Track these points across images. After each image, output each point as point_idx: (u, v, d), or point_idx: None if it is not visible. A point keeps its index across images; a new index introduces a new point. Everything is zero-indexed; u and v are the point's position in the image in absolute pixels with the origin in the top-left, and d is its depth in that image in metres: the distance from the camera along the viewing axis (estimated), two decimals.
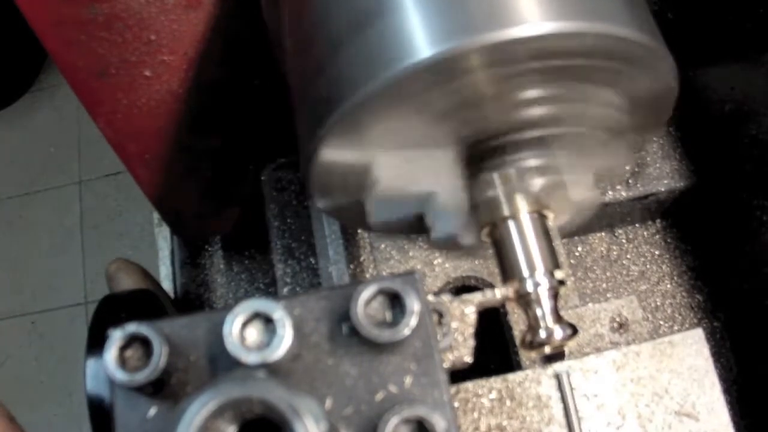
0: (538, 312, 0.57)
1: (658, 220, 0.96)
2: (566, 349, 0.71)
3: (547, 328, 0.56)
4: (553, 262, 0.58)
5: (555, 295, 0.58)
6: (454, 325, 0.54)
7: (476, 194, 0.60)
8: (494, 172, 0.59)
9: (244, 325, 0.41)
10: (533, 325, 0.57)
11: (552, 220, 0.61)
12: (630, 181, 0.88)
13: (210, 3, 0.73)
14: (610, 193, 0.87)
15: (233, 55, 0.81)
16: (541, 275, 0.57)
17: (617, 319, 0.73)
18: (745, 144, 0.82)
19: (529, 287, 0.57)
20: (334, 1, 0.55)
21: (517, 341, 0.74)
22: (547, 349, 0.58)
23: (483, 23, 0.48)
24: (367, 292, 0.43)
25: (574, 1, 0.50)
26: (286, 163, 0.95)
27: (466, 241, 0.62)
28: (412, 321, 0.42)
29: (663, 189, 0.88)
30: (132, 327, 0.42)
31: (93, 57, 0.73)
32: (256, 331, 0.41)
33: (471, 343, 0.54)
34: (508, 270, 0.59)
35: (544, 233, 0.59)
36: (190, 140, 0.89)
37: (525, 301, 0.58)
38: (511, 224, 0.59)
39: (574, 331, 0.57)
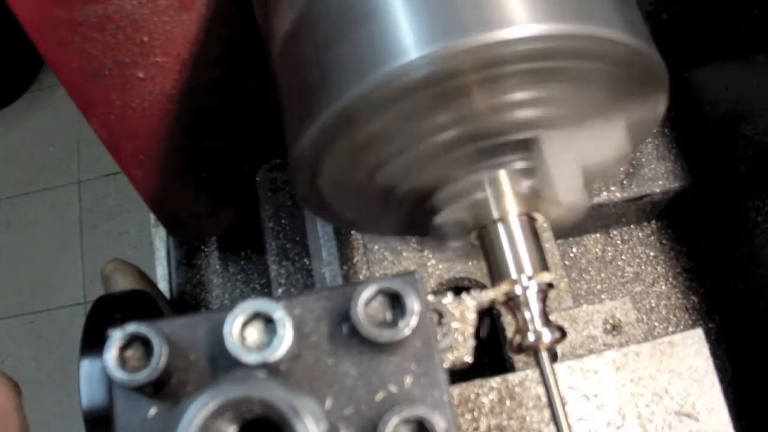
0: (527, 315, 0.57)
1: (653, 221, 0.96)
2: (559, 352, 0.72)
3: (535, 331, 0.56)
4: (542, 265, 0.58)
5: (544, 298, 0.57)
6: (454, 325, 0.54)
7: (465, 196, 0.60)
8: (483, 174, 0.59)
9: (244, 325, 0.41)
10: (522, 328, 0.57)
11: (541, 223, 0.61)
12: (625, 182, 0.87)
13: (203, 4, 0.73)
14: (604, 194, 0.87)
15: (227, 56, 0.81)
16: (529, 278, 0.57)
17: (610, 321, 0.73)
18: (740, 145, 0.82)
19: (518, 290, 0.57)
20: (323, 2, 0.55)
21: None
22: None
23: (472, 25, 0.48)
24: (367, 292, 0.43)
25: (563, 3, 0.50)
26: (281, 164, 0.95)
27: (455, 243, 0.62)
28: (412, 321, 0.42)
29: (658, 190, 0.88)
30: (132, 327, 0.42)
31: (86, 58, 0.73)
32: (256, 331, 0.41)
33: (471, 343, 0.54)
34: (496, 273, 0.59)
35: (534, 236, 0.59)
36: (184, 141, 0.89)
37: (514, 303, 0.57)
38: (500, 227, 0.59)
39: (563, 333, 0.57)
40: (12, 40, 2.27)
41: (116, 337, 0.41)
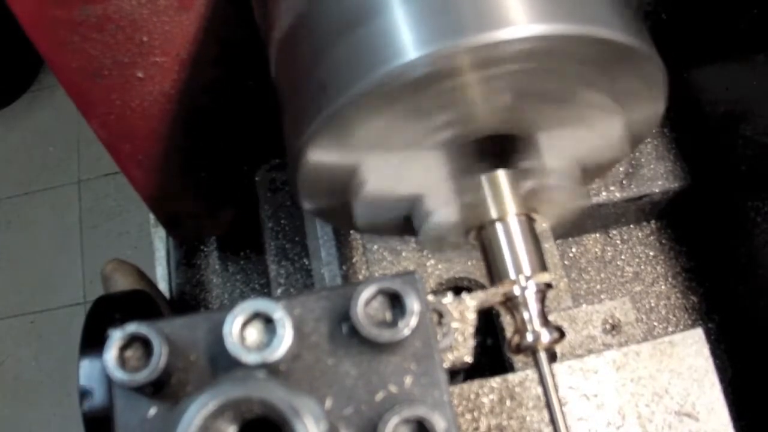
0: (525, 315, 0.57)
1: (652, 221, 0.96)
2: (558, 352, 0.71)
3: (534, 332, 0.56)
4: (541, 265, 0.58)
5: (542, 299, 0.57)
6: (454, 325, 0.54)
7: (464, 196, 0.60)
8: (482, 174, 0.59)
9: (244, 325, 0.41)
10: (520, 329, 0.57)
11: (540, 223, 0.61)
12: (624, 182, 0.87)
13: (202, 4, 0.73)
14: (604, 194, 0.87)
15: (226, 56, 0.81)
16: (528, 278, 0.57)
17: (610, 321, 0.73)
18: (740, 145, 0.82)
19: (516, 290, 0.57)
20: (322, 2, 0.55)
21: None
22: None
23: (470, 25, 0.48)
24: (367, 292, 0.43)
25: (562, 4, 0.50)
26: (280, 164, 0.95)
27: (453, 244, 0.62)
28: (412, 321, 0.43)
29: (657, 190, 0.88)
30: (132, 327, 0.42)
31: (86, 58, 0.74)
32: (256, 331, 0.42)
33: (471, 343, 0.54)
34: (495, 273, 0.59)
35: (532, 236, 0.59)
36: (183, 141, 0.89)
37: (512, 304, 0.57)
38: (498, 227, 0.59)
39: (562, 334, 0.57)
40: (12, 40, 2.27)
41: (116, 337, 0.42)
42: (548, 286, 0.58)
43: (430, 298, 0.53)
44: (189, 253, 1.11)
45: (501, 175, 0.59)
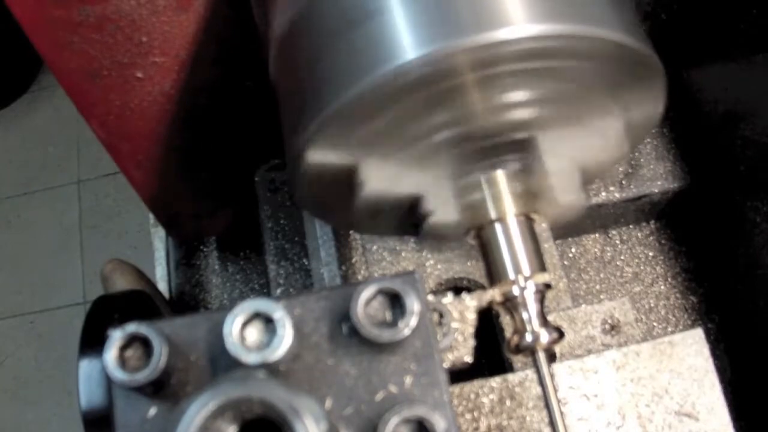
0: (524, 315, 0.57)
1: (652, 222, 0.96)
2: (557, 352, 0.72)
3: (533, 332, 0.56)
4: (540, 266, 0.58)
5: (541, 299, 0.58)
6: (454, 325, 0.54)
7: (463, 196, 0.60)
8: (481, 175, 0.59)
9: (244, 325, 0.42)
10: (519, 329, 0.57)
11: (539, 223, 0.61)
12: (623, 182, 0.87)
13: (201, 5, 0.73)
14: (603, 194, 0.87)
15: (225, 57, 0.81)
16: (527, 279, 0.57)
17: (609, 321, 0.73)
18: (739, 145, 0.82)
19: (515, 291, 0.57)
20: (321, 3, 0.55)
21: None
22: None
23: (469, 25, 0.48)
24: (367, 292, 0.43)
25: (560, 4, 0.50)
26: (280, 164, 0.95)
27: (453, 244, 0.63)
28: (412, 321, 0.43)
29: (657, 190, 0.88)
30: (132, 327, 0.42)
31: (85, 59, 0.74)
32: (256, 331, 0.42)
33: (471, 343, 0.54)
34: (494, 273, 0.59)
35: (531, 236, 0.59)
36: (182, 141, 0.89)
37: (512, 304, 0.58)
38: (497, 227, 0.59)
39: (561, 334, 0.57)
40: (12, 41, 2.27)
41: (116, 337, 0.42)
42: (547, 286, 0.58)
43: (430, 298, 0.53)
44: (188, 253, 1.10)
45: (500, 175, 0.59)
